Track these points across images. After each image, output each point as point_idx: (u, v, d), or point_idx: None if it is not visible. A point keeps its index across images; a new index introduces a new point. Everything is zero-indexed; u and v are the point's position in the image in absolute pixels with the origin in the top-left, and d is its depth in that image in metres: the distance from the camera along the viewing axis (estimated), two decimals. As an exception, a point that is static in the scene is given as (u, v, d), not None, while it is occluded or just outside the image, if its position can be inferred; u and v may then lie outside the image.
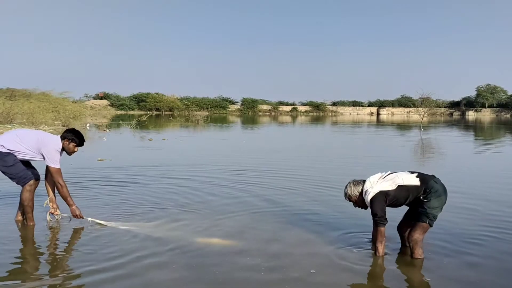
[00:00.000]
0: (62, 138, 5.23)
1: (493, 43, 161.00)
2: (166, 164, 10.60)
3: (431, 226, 4.23)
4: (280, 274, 3.88)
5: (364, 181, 4.37)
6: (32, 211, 5.21)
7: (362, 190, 4.33)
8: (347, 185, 4.44)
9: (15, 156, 5.06)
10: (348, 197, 4.44)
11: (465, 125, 41.94)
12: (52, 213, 5.33)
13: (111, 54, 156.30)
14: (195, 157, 12.36)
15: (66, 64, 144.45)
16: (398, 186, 4.19)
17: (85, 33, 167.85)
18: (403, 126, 38.57)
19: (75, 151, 5.33)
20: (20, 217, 5.34)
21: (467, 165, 11.77)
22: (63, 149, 5.25)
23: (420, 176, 4.26)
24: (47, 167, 5.20)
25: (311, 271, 3.96)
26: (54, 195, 5.39)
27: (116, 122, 34.40)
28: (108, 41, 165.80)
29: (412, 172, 4.31)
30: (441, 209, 4.23)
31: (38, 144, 5.10)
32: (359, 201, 4.40)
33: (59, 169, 5.14)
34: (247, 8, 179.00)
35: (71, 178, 7.68)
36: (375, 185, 4.23)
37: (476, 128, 36.74)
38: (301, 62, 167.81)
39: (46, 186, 5.40)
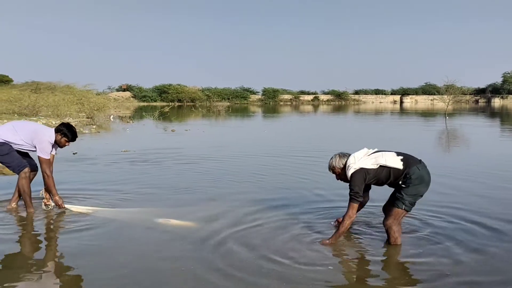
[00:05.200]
0: (56, 131, 5.37)
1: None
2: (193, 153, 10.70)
3: (408, 211, 4.23)
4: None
5: (350, 155, 4.39)
6: (30, 198, 5.40)
7: (346, 163, 4.36)
8: (333, 157, 4.50)
9: (11, 145, 5.26)
10: (332, 168, 4.49)
11: (492, 112, 40.98)
12: (46, 203, 5.49)
13: (133, 46, 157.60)
14: (216, 148, 12.41)
15: (89, 57, 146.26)
16: (380, 165, 4.20)
17: (107, 27, 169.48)
18: (427, 114, 37.92)
19: (66, 145, 5.48)
20: (13, 205, 5.53)
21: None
22: (56, 142, 5.39)
23: (405, 159, 4.22)
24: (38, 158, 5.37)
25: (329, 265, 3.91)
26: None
27: (139, 113, 34.76)
28: (129, 34, 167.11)
29: (398, 154, 4.28)
30: (421, 196, 4.23)
31: (32, 135, 5.29)
32: (342, 174, 4.45)
33: (48, 159, 5.31)
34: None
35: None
36: (358, 161, 4.26)
37: (502, 115, 35.91)
38: (322, 50, 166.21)
39: (43, 177, 5.49)
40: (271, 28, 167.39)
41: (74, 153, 10.44)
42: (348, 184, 4.37)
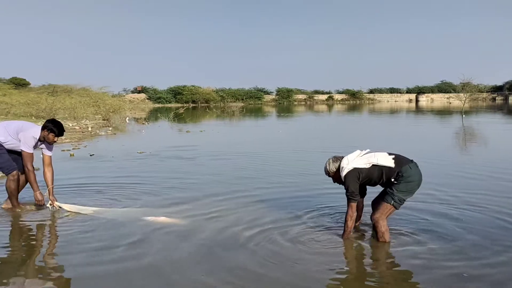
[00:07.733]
0: (43, 128, 5.41)
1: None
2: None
3: (396, 208, 4.29)
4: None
5: (343, 158, 4.50)
6: (17, 198, 5.51)
7: (339, 166, 4.45)
8: (327, 161, 4.58)
9: (2, 146, 5.35)
10: (327, 172, 4.60)
11: (510, 110, 40.33)
12: (51, 204, 5.51)
13: (148, 48, 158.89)
14: (230, 148, 12.44)
15: (105, 60, 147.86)
16: (372, 165, 4.31)
17: (122, 30, 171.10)
18: (444, 112, 37.48)
19: (54, 141, 5.51)
20: (7, 205, 5.58)
21: None
22: (44, 138, 5.43)
23: (397, 159, 4.33)
24: (43, 157, 5.51)
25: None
26: (53, 188, 5.57)
27: (154, 115, 35.00)
28: (144, 36, 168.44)
29: (390, 154, 4.39)
30: (412, 193, 4.31)
31: (18, 130, 5.38)
32: (337, 177, 4.55)
33: (31, 154, 5.40)
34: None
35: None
36: (351, 162, 4.37)
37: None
38: (336, 49, 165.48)
39: (44, 179, 5.56)
40: (284, 28, 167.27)
41: (91, 155, 10.57)
42: (342, 185, 4.51)
